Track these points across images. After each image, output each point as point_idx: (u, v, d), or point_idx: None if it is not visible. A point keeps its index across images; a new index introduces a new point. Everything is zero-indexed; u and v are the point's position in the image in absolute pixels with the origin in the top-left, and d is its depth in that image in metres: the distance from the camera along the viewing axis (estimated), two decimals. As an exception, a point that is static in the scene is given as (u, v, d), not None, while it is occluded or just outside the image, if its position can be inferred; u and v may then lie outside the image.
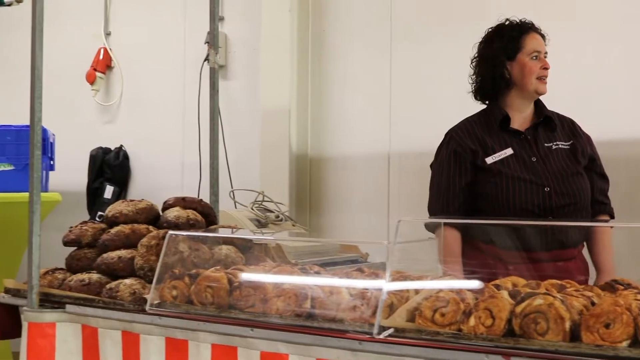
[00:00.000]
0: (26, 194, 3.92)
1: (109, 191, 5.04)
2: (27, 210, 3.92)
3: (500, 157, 3.16)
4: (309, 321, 2.41)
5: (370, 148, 4.34)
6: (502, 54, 3.21)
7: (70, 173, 5.04)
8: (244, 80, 4.72)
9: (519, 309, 2.06)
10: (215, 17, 3.72)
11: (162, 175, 5.00)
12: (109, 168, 5.06)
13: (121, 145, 5.11)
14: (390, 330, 2.23)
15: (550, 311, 2.01)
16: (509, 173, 3.12)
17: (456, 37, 3.93)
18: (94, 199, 5.11)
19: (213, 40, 3.72)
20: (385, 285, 2.34)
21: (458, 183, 3.20)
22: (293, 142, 4.42)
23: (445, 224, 3.16)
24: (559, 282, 2.40)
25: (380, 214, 4.32)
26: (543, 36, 3.24)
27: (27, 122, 4.24)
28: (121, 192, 5.06)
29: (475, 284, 2.34)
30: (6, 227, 3.98)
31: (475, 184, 3.18)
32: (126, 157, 5.09)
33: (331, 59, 4.49)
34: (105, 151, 5.12)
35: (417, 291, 2.41)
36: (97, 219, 4.96)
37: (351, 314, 2.35)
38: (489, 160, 3.16)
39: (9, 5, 4.89)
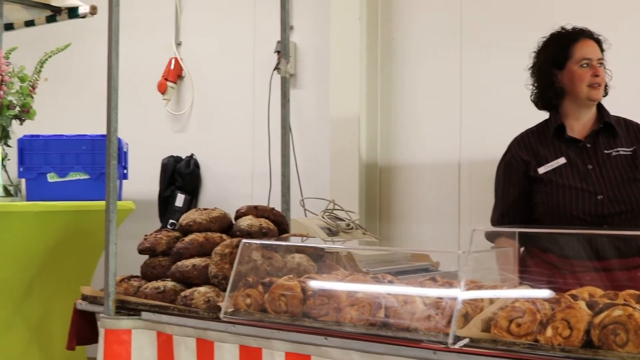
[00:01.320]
0: (101, 203, 4.00)
1: (180, 199, 5.10)
2: (101, 219, 3.99)
3: (552, 167, 3.18)
4: (382, 330, 2.41)
5: (440, 156, 4.32)
6: (552, 63, 3.22)
7: (142, 181, 5.11)
8: (313, 88, 4.74)
9: (597, 319, 2.03)
10: (286, 27, 3.75)
11: (232, 183, 5.05)
12: (180, 176, 5.12)
13: (192, 154, 5.17)
14: (466, 340, 2.22)
15: (630, 322, 1.98)
16: (559, 182, 3.13)
17: (527, 42, 3.88)
18: (166, 207, 5.17)
19: (284, 49, 3.75)
20: (460, 294, 2.32)
21: (512, 194, 3.26)
22: (363, 150, 4.42)
23: (503, 233, 3.17)
24: (637, 292, 2.36)
25: (450, 222, 4.30)
26: (599, 42, 3.21)
27: (99, 132, 4.35)
28: (192, 201, 5.12)
29: (550, 294, 2.32)
30: (81, 235, 4.05)
31: (530, 194, 3.20)
32: (197, 166, 5.15)
33: (400, 66, 4.48)
34: (177, 160, 5.19)
35: (491, 301, 2.39)
36: (168, 226, 5.02)
37: (425, 323, 2.34)
38: (541, 170, 3.19)
39: (84, 17, 5.00)
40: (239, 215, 3.28)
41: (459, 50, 4.29)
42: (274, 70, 4.68)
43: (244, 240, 2.87)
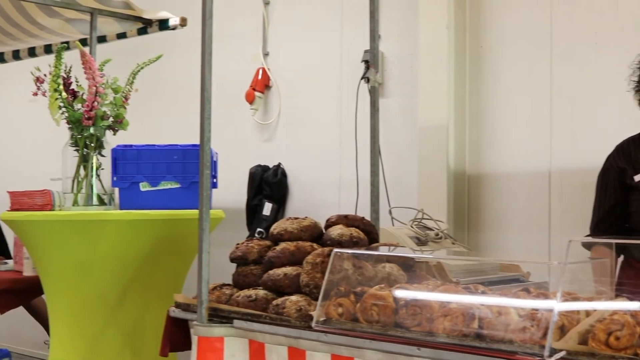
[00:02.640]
0: (192, 211, 4.07)
1: (267, 208, 5.14)
2: (192, 227, 4.06)
3: None
4: (476, 341, 2.39)
5: (530, 164, 4.27)
6: None
7: (230, 190, 5.18)
8: (400, 97, 4.74)
9: (701, 333, 1.99)
10: (375, 36, 3.75)
11: (319, 192, 5.07)
12: (268, 185, 5.17)
13: (279, 163, 5.21)
14: (562, 353, 2.19)
15: None
16: None
17: (619, 49, 3.83)
18: (253, 215, 5.22)
19: (373, 59, 3.76)
20: (556, 306, 2.29)
21: (607, 202, 3.21)
22: (451, 159, 4.40)
23: (599, 243, 3.12)
24: None
25: (540, 232, 4.24)
26: None
27: (189, 141, 4.42)
28: (279, 209, 5.16)
29: (650, 306, 2.27)
30: (173, 243, 4.12)
31: (626, 203, 3.15)
32: (284, 175, 5.18)
33: (489, 74, 4.45)
34: (264, 169, 5.23)
35: (588, 313, 2.35)
36: (256, 235, 5.07)
37: (521, 335, 2.31)
38: (637, 178, 3.11)
39: (174, 29, 5.09)
40: (329, 224, 3.30)
41: (549, 57, 4.24)
42: (361, 79, 4.70)
43: (336, 250, 2.88)
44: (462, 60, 4.47)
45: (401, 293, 2.66)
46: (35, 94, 4.26)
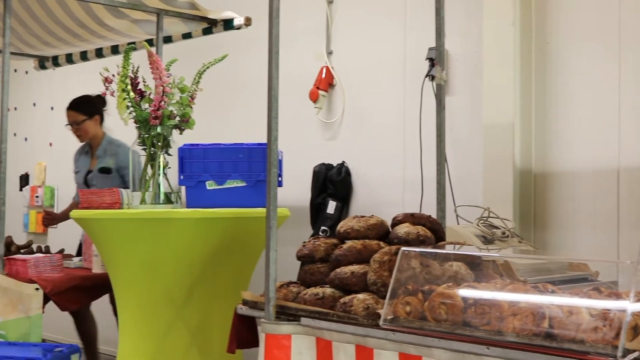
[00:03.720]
0: (257, 210, 4.11)
1: (331, 206, 5.14)
2: (257, 225, 4.09)
3: None
4: (547, 341, 2.37)
5: (598, 161, 4.21)
6: None
7: (294, 189, 5.20)
8: (464, 95, 4.70)
9: None
10: (441, 34, 3.74)
11: (383, 190, 5.06)
12: (332, 184, 5.17)
13: (343, 162, 5.21)
14: (636, 354, 2.16)
15: None
16: None
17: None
18: (317, 213, 5.23)
19: (439, 57, 3.75)
20: (629, 306, 2.26)
21: None
22: (517, 157, 4.35)
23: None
24: None
25: (608, 230, 4.17)
26: None
27: (254, 140, 4.46)
28: (343, 208, 5.16)
29: None
30: (239, 241, 4.15)
31: None
32: (348, 173, 5.18)
33: (555, 71, 4.39)
34: (328, 167, 5.24)
35: (662, 313, 2.32)
36: (320, 233, 5.08)
37: (592, 335, 2.29)
38: None
39: (238, 28, 5.13)
40: (396, 222, 3.30)
41: (617, 53, 4.17)
42: (426, 77, 4.68)
43: (403, 248, 2.88)
44: (527, 57, 4.42)
45: (469, 292, 2.65)
46: (104, 94, 4.33)
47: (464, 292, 2.64)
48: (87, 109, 5.46)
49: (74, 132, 5.50)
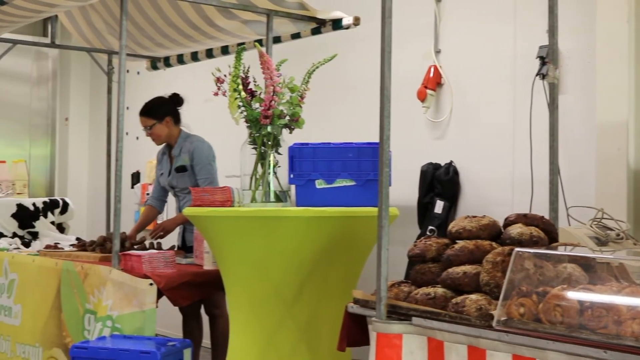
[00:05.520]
0: (366, 209, 4.12)
1: (439, 206, 5.12)
2: (367, 224, 4.11)
3: None
4: (668, 346, 2.32)
5: None
6: None
7: (402, 188, 5.19)
8: (576, 94, 4.62)
9: None
10: (554, 32, 3.70)
11: (491, 190, 5.01)
12: (439, 183, 5.15)
13: (451, 161, 5.18)
14: None
15: None
16: None
17: None
18: (425, 213, 5.22)
19: (552, 55, 3.69)
20: None
21: None
22: (631, 157, 4.26)
23: None
24: None
25: None
26: None
27: (363, 139, 4.47)
28: (451, 207, 5.13)
29: None
30: (348, 240, 4.17)
31: None
32: (456, 173, 5.15)
33: (672, 69, 4.28)
34: (436, 166, 5.22)
35: None
36: (428, 233, 5.07)
37: None
38: None
39: (347, 28, 5.16)
40: (508, 223, 3.27)
41: None
42: (536, 75, 4.61)
43: (517, 249, 2.86)
44: (642, 54, 4.32)
45: (586, 294, 2.61)
46: (216, 94, 4.41)
47: (580, 294, 2.61)
48: (155, 112, 5.51)
49: (148, 136, 5.60)
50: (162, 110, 5.52)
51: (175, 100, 5.58)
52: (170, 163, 5.57)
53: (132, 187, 8.39)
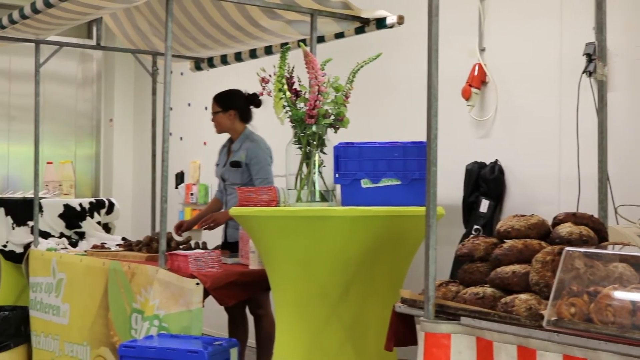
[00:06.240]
0: (412, 208, 4.11)
1: (484, 205, 5.09)
2: (412, 224, 4.10)
3: None
4: None
5: None
6: None
7: (446, 187, 5.16)
8: (624, 91, 4.56)
9: None
10: (603, 29, 3.66)
11: (537, 189, 4.97)
12: (485, 182, 5.12)
13: (496, 160, 5.15)
14: None
15: None
16: None
17: None
18: (470, 212, 5.19)
19: (600, 52, 3.65)
20: None
21: None
22: (681, 155, 4.21)
23: None
24: None
25: None
26: None
27: (408, 138, 4.46)
28: (496, 206, 5.10)
29: None
30: (394, 240, 4.16)
31: None
32: (501, 172, 5.11)
33: None
34: (481, 165, 5.19)
35: None
36: (473, 232, 5.04)
37: None
38: None
39: (391, 27, 5.14)
40: (557, 222, 3.24)
41: None
42: (583, 73, 4.57)
43: (567, 248, 2.83)
44: (693, 51, 4.26)
45: (638, 294, 2.57)
46: (261, 94, 4.43)
47: (632, 294, 2.58)
48: (224, 102, 5.60)
49: (212, 121, 5.66)
50: (230, 103, 5.60)
51: (251, 99, 5.62)
52: (228, 156, 5.62)
53: (176, 187, 8.45)
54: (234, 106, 5.57)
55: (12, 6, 7.87)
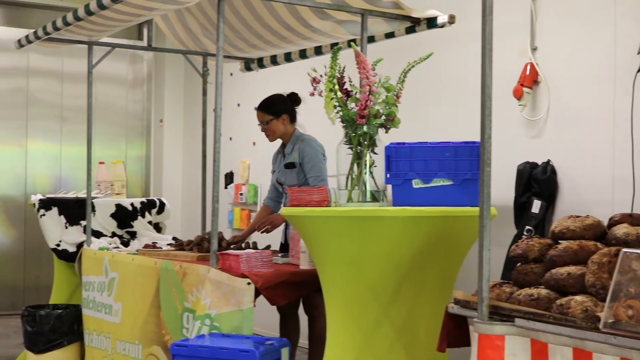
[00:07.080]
0: (464, 209, 4.09)
1: (536, 206, 5.04)
2: (464, 224, 4.08)
3: None
4: None
5: None
6: None
7: (498, 187, 5.12)
8: (680, 90, 4.51)
9: None
10: (659, 27, 3.59)
11: (590, 190, 4.91)
12: (537, 182, 5.07)
13: (548, 160, 5.10)
14: None
15: None
16: None
17: None
18: (521, 213, 5.14)
19: (657, 50, 3.60)
20: None
21: None
22: None
23: None
24: None
25: None
26: None
27: (459, 138, 4.43)
28: (549, 207, 5.04)
29: None
30: (445, 241, 4.14)
31: None
32: (553, 172, 5.06)
33: None
34: (532, 166, 5.14)
35: None
36: (525, 233, 4.99)
37: None
38: None
39: (442, 26, 5.12)
40: (613, 223, 3.20)
41: None
42: (638, 72, 4.51)
43: (624, 250, 2.79)
44: None
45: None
46: (312, 94, 4.43)
47: (693, 296, 2.54)
48: (273, 109, 5.58)
49: (262, 131, 5.65)
50: (281, 107, 5.59)
51: (293, 99, 5.64)
52: (282, 160, 5.63)
53: (226, 188, 8.50)
54: (284, 110, 5.58)
55: (66, 8, 7.98)
